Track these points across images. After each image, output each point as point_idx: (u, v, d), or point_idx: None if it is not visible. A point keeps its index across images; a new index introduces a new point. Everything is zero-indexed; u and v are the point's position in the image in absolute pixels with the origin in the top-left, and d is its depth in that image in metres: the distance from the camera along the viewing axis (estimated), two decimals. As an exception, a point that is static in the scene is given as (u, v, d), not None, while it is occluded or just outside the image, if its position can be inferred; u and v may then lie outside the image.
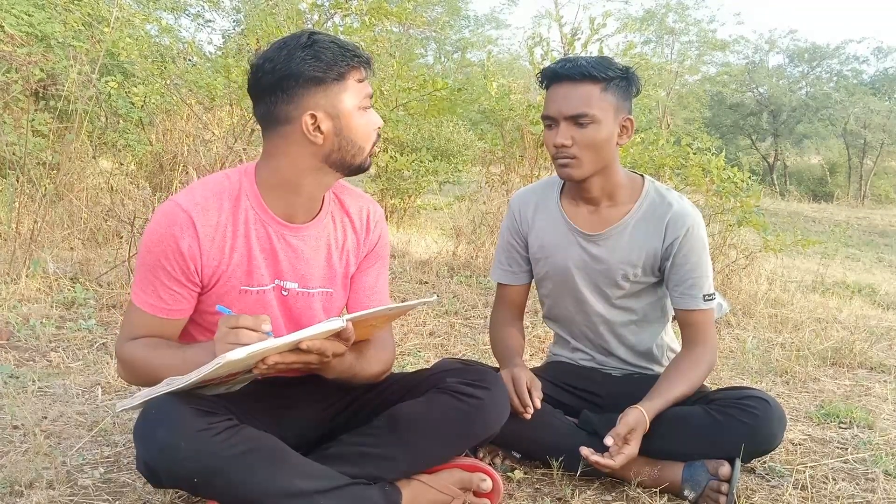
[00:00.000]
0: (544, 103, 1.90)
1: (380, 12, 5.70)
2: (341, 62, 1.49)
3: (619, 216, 1.97)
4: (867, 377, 3.17)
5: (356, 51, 1.53)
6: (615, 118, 1.85)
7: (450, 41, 23.48)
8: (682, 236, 1.90)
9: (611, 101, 1.84)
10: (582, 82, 1.82)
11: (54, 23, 5.39)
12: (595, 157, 1.86)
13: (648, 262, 1.96)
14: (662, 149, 5.20)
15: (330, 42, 1.50)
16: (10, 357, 2.67)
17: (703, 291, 1.91)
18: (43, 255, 3.80)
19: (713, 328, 1.96)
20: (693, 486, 1.78)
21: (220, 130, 5.34)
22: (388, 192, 7.01)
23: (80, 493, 1.71)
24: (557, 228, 2.03)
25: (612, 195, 1.97)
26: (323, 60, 1.48)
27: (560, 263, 2.03)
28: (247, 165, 1.62)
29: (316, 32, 1.52)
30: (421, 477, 1.65)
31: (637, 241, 1.95)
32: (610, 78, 1.83)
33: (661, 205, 1.94)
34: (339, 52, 1.49)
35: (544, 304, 2.20)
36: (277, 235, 1.60)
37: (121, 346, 1.59)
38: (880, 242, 12.28)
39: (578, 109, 1.81)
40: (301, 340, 1.35)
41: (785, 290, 5.12)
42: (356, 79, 1.53)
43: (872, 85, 25.68)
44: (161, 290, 1.55)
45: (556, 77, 1.86)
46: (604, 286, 2.01)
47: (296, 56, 1.47)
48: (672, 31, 25.63)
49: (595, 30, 6.32)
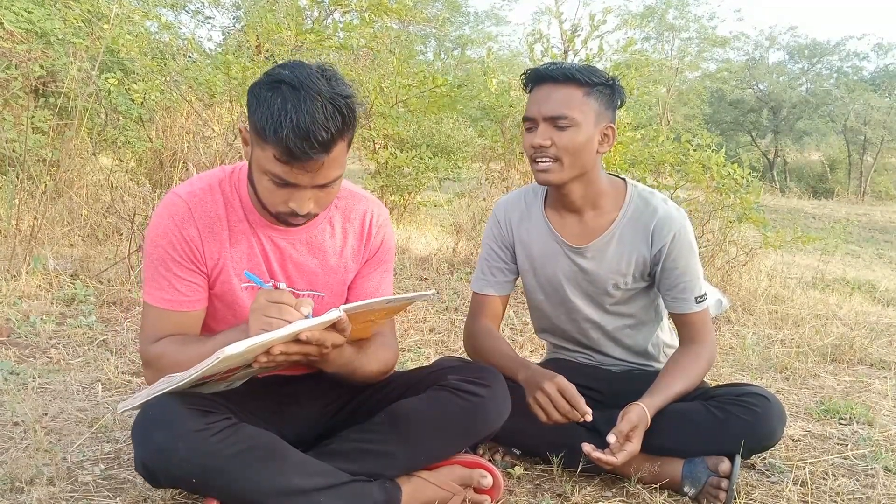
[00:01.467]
0: (527, 105, 1.87)
1: (379, 9, 5.70)
2: (273, 132, 1.33)
3: (604, 226, 1.94)
4: (867, 373, 3.17)
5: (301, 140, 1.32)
6: (596, 124, 1.83)
7: (450, 38, 23.48)
8: (669, 242, 1.89)
9: (592, 106, 1.82)
10: (564, 84, 1.81)
11: (54, 19, 5.38)
12: (573, 161, 1.83)
13: (638, 270, 1.95)
14: (662, 145, 5.20)
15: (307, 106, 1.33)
16: (11, 354, 2.68)
17: (695, 294, 1.91)
18: (43, 252, 3.80)
19: (710, 325, 1.96)
20: (693, 483, 1.79)
21: (220, 127, 5.33)
22: (388, 188, 7.00)
23: (81, 489, 1.71)
24: (544, 240, 2.01)
25: (595, 203, 1.94)
26: (269, 110, 1.34)
27: (550, 275, 2.02)
28: (244, 163, 1.61)
29: (323, 82, 1.36)
30: (421, 473, 1.65)
31: (625, 250, 1.93)
32: (593, 83, 1.81)
33: (645, 211, 1.92)
34: (290, 120, 1.32)
35: (534, 316, 2.19)
36: (265, 236, 1.61)
37: (146, 350, 1.58)
38: (880, 239, 12.27)
39: (558, 111, 1.79)
40: (300, 332, 1.35)
41: (785, 286, 5.12)
42: (273, 154, 1.36)
43: (873, 81, 25.67)
44: (176, 282, 1.56)
45: (540, 78, 1.85)
46: (596, 295, 2.00)
47: (274, 77, 1.38)
48: (672, 27, 25.65)
49: (595, 26, 6.32)
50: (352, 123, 1.40)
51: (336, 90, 1.36)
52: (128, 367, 2.65)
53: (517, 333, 3.45)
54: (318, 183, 1.41)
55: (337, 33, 5.78)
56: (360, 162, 8.54)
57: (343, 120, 1.36)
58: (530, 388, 1.78)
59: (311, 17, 6.63)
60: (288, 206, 1.44)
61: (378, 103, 6.00)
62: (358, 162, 8.97)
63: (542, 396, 1.73)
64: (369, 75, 6.46)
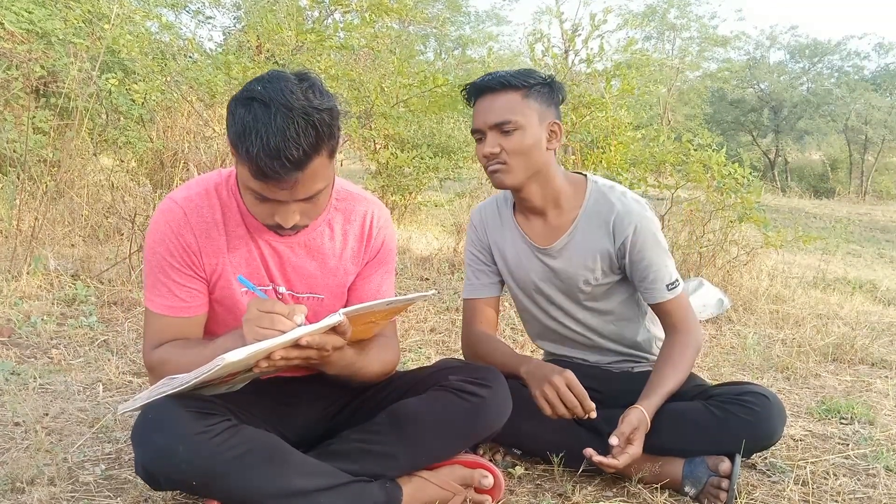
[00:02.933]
0: (472, 119, 1.90)
1: (380, 8, 5.70)
2: (244, 151, 1.31)
3: (567, 224, 1.97)
4: (868, 373, 3.17)
5: (272, 159, 1.29)
6: (540, 123, 1.86)
7: (450, 38, 23.43)
8: (631, 235, 1.90)
9: (533, 107, 1.84)
10: (503, 91, 1.84)
11: (55, 20, 5.39)
12: (525, 162, 1.86)
13: (605, 264, 1.95)
14: (663, 145, 5.20)
15: (277, 123, 1.29)
16: (12, 354, 2.68)
17: (665, 282, 1.91)
18: (44, 252, 3.80)
19: (690, 310, 1.96)
20: (694, 482, 1.79)
21: (221, 127, 5.33)
22: (389, 188, 6.99)
23: (82, 489, 1.71)
24: (516, 243, 2.04)
25: (556, 202, 1.96)
26: (241, 127, 1.31)
27: (524, 278, 2.05)
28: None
29: (298, 95, 1.33)
30: (422, 473, 1.65)
31: (588, 246, 1.95)
32: (530, 85, 1.84)
33: (603, 205, 1.94)
34: (260, 138, 1.29)
35: (524, 320, 2.21)
36: (263, 240, 1.61)
37: (148, 356, 1.59)
38: (881, 238, 12.25)
39: (501, 117, 1.82)
40: (300, 337, 1.35)
41: (786, 286, 5.12)
42: (248, 170, 1.35)
43: (874, 81, 25.62)
44: (175, 289, 1.56)
45: (479, 91, 1.88)
46: (570, 293, 2.02)
47: (253, 89, 1.35)
48: (673, 27, 25.63)
49: (596, 26, 6.29)
50: (328, 135, 1.36)
51: (312, 103, 1.32)
52: (129, 368, 2.66)
53: (518, 333, 3.45)
54: (298, 198, 1.40)
55: (337, 33, 5.78)
56: (360, 162, 8.54)
57: (317, 134, 1.32)
58: (536, 380, 1.77)
59: (311, 18, 6.64)
60: (274, 220, 1.44)
61: (379, 103, 5.99)
62: (359, 162, 8.98)
63: (549, 389, 1.73)
64: (370, 75, 6.45)
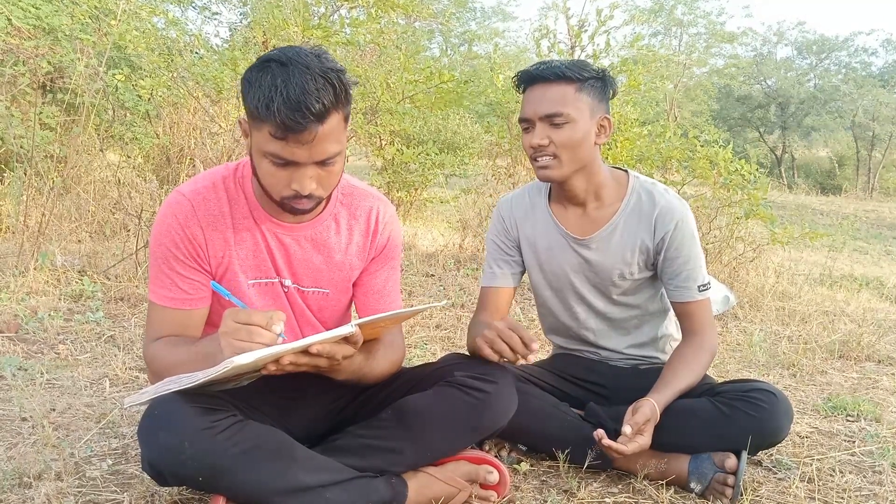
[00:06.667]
0: (521, 107, 1.89)
1: (386, 4, 5.69)
2: (265, 107, 1.34)
3: (607, 217, 1.96)
4: (875, 370, 3.16)
5: (293, 111, 1.32)
6: (591, 118, 1.85)
7: (456, 33, 23.42)
8: (671, 231, 1.90)
9: (586, 101, 1.84)
10: (556, 83, 1.82)
11: (61, 15, 5.40)
12: (573, 156, 1.85)
13: (642, 259, 1.96)
14: (670, 141, 5.18)
15: (296, 79, 1.33)
16: (19, 349, 2.69)
17: (698, 283, 1.92)
18: (51, 248, 3.82)
19: (711, 316, 1.96)
20: (699, 479, 1.78)
21: (227, 123, 5.34)
22: (395, 185, 6.99)
23: (89, 484, 1.72)
24: (549, 233, 2.03)
25: (597, 195, 1.96)
26: (260, 88, 1.35)
27: (556, 269, 2.03)
28: (248, 160, 1.60)
29: (313, 58, 1.37)
30: (427, 469, 1.65)
31: (628, 240, 1.95)
32: (584, 78, 1.83)
33: (647, 201, 1.94)
34: (280, 94, 1.32)
35: (541, 314, 2.20)
36: (270, 232, 1.61)
37: (147, 349, 1.60)
38: (888, 235, 12.20)
39: (553, 109, 1.81)
40: (311, 345, 1.35)
41: (792, 282, 5.10)
42: (268, 131, 1.37)
43: (881, 77, 25.47)
44: (178, 280, 1.56)
45: (531, 79, 1.87)
46: (602, 286, 2.01)
47: (266, 65, 1.39)
48: (680, 22, 25.51)
49: (602, 21, 6.28)
50: (344, 97, 1.39)
51: (326, 65, 1.37)
52: (135, 363, 2.66)
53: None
54: (316, 159, 1.40)
55: (343, 29, 5.78)
56: (366, 158, 8.54)
57: (334, 92, 1.36)
58: (478, 332, 1.67)
59: (317, 13, 6.63)
60: (291, 189, 1.43)
61: (384, 99, 6.00)
62: (364, 158, 8.97)
63: (489, 332, 1.62)
64: (376, 71, 6.46)
